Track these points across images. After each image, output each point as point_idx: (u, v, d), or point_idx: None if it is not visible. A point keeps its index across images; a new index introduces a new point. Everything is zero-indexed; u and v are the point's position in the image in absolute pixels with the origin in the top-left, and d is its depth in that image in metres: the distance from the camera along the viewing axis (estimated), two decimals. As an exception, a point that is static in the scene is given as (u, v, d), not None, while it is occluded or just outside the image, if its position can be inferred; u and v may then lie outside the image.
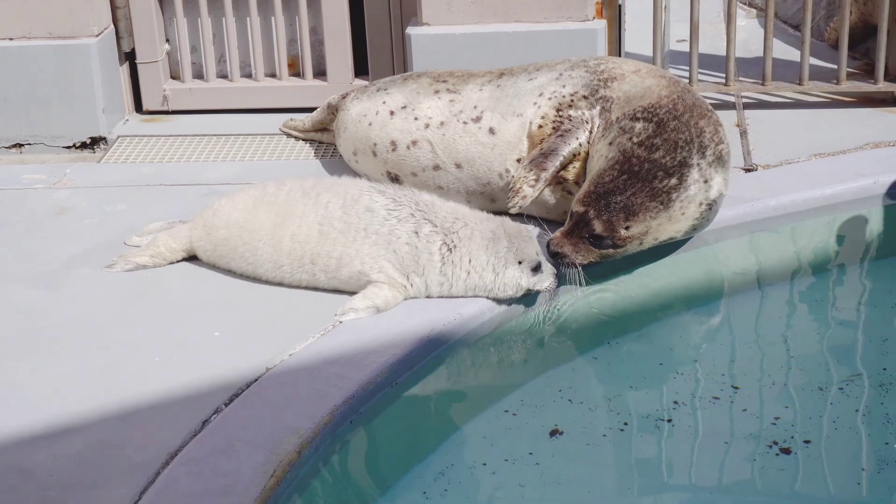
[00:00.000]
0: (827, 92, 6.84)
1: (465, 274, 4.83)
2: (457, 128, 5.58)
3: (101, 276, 5.23)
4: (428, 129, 5.65)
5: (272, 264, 5.00)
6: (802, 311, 5.21)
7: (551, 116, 5.40)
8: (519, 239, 4.83)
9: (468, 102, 5.62)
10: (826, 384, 4.55)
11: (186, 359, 4.59)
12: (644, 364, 4.77)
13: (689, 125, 5.15)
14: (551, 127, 5.38)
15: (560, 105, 5.42)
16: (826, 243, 5.66)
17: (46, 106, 6.67)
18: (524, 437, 4.30)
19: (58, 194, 6.14)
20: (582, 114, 5.36)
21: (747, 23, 8.25)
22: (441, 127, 5.61)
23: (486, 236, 4.84)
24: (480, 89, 5.66)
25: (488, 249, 4.82)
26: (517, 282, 4.84)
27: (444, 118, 5.62)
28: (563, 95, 5.44)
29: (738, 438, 4.28)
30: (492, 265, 4.82)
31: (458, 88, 5.70)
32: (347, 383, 4.38)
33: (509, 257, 4.82)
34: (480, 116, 5.54)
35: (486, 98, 5.60)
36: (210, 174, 6.29)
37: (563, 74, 5.53)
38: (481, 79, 5.73)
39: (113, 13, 6.88)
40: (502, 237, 4.83)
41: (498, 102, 5.56)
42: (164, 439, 4.11)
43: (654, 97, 5.28)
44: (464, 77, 5.79)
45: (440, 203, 4.99)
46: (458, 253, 4.83)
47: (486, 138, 5.51)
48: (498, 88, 5.62)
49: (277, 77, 7.12)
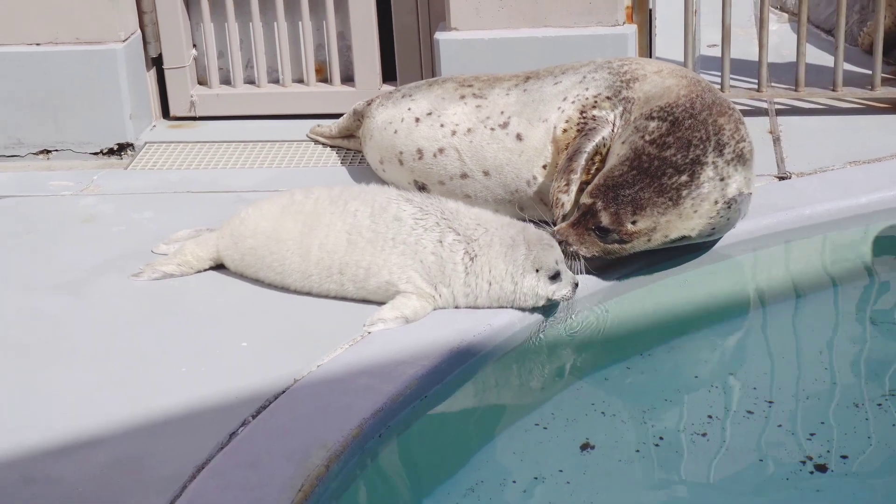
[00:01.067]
0: (861, 98, 6.75)
1: (488, 286, 4.77)
2: (484, 134, 5.52)
3: (127, 285, 5.20)
4: (455, 136, 5.59)
5: (300, 274, 4.95)
6: (838, 323, 5.13)
7: (575, 119, 5.35)
8: (538, 246, 4.75)
9: (495, 108, 5.56)
10: (863, 399, 4.47)
11: (214, 369, 4.56)
12: (678, 377, 4.71)
13: (706, 123, 5.08)
14: (576, 129, 5.33)
15: (584, 107, 5.37)
16: (862, 253, 5.58)
17: (73, 112, 6.66)
18: (554, 452, 4.24)
19: (85, 201, 6.11)
20: (605, 114, 5.32)
21: (779, 27, 8.17)
22: (468, 134, 5.56)
23: (504, 243, 4.77)
24: (507, 94, 5.60)
25: (506, 257, 4.75)
26: (535, 291, 4.77)
27: (471, 124, 5.57)
28: (587, 98, 5.39)
29: (772, 454, 4.20)
30: (510, 274, 4.75)
31: (485, 93, 5.65)
32: (376, 395, 4.33)
33: (527, 265, 4.74)
34: (508, 122, 5.49)
35: (513, 103, 5.54)
36: (237, 181, 6.25)
37: (586, 77, 5.47)
38: (507, 83, 5.67)
39: (140, 18, 6.85)
40: (521, 244, 4.76)
41: (525, 107, 5.50)
42: (192, 451, 4.07)
43: (672, 96, 5.22)
44: (489, 81, 5.73)
45: (465, 210, 4.93)
46: (479, 262, 4.76)
47: (514, 144, 5.45)
48: (524, 93, 5.56)
49: (305, 83, 7.08)
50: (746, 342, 5.02)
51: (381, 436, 4.25)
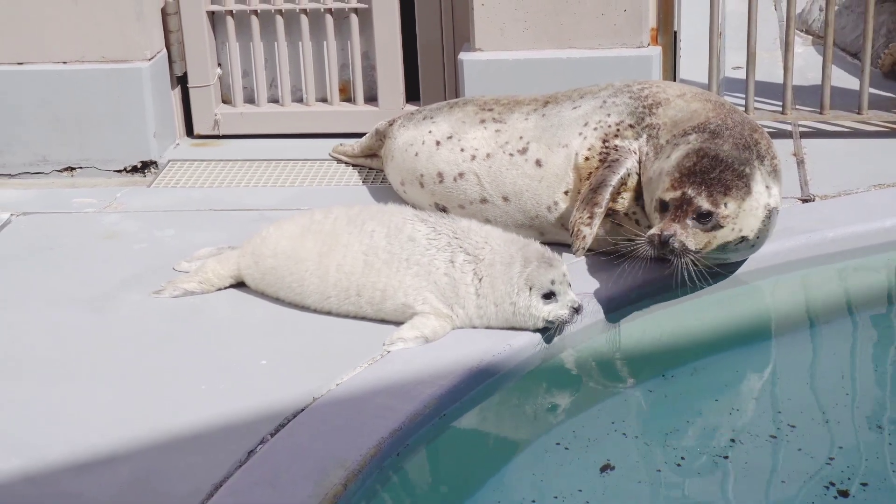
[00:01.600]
0: (887, 121, 6.71)
1: (494, 307, 4.73)
2: (503, 160, 5.49)
3: (149, 302, 5.21)
4: (474, 160, 5.57)
5: (319, 295, 4.95)
6: (860, 347, 5.08)
7: (598, 148, 5.32)
8: (536, 263, 4.67)
9: (514, 133, 5.53)
10: (885, 424, 4.43)
11: (233, 386, 4.55)
12: (700, 399, 4.67)
13: (744, 135, 5.08)
14: (598, 159, 5.30)
15: (606, 136, 5.33)
16: (885, 277, 5.53)
17: (98, 129, 6.69)
18: (574, 473, 4.21)
19: (108, 218, 6.14)
20: (629, 143, 5.28)
21: (804, 50, 8.14)
22: (487, 159, 5.53)
23: (504, 261, 4.72)
24: (526, 118, 5.57)
25: (504, 276, 4.70)
26: (529, 310, 4.69)
27: (491, 149, 5.54)
28: (609, 125, 5.35)
29: (794, 478, 4.16)
30: (508, 294, 4.70)
31: (504, 118, 5.62)
32: (395, 415, 4.32)
33: (520, 283, 4.67)
34: (527, 148, 5.46)
35: (532, 128, 5.51)
36: (260, 199, 6.26)
37: (606, 102, 5.43)
38: (527, 107, 5.64)
39: (166, 37, 6.89)
40: (518, 261, 4.69)
41: (544, 132, 5.47)
42: (209, 469, 4.07)
43: (700, 118, 5.20)
44: (509, 105, 5.70)
45: (476, 228, 4.88)
46: (485, 284, 4.73)
47: (533, 171, 5.42)
48: (543, 118, 5.53)
49: (328, 102, 7.10)
50: (769, 366, 4.98)
51: (399, 455, 4.23)
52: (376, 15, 6.86)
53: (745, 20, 6.61)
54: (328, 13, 6.94)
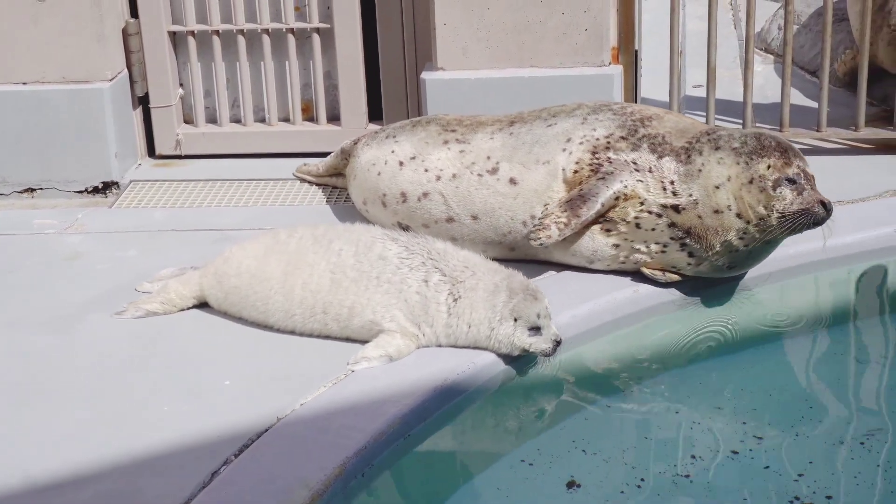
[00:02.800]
0: (845, 139, 6.78)
1: (467, 327, 4.76)
2: (471, 180, 5.48)
3: (111, 323, 5.18)
4: (439, 181, 5.56)
5: (283, 313, 4.94)
6: (821, 362, 5.13)
7: (586, 160, 5.30)
8: (521, 295, 4.73)
9: (480, 153, 5.52)
10: (847, 438, 4.46)
11: (196, 408, 4.53)
12: (659, 414, 4.69)
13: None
14: (588, 170, 5.30)
15: (595, 148, 5.32)
16: (845, 293, 5.59)
17: (59, 150, 6.65)
18: (541, 489, 4.22)
19: (69, 239, 6.10)
20: (625, 156, 5.28)
21: (763, 68, 8.22)
22: (453, 179, 5.53)
23: (488, 289, 4.76)
24: (491, 138, 5.56)
25: (487, 302, 4.74)
26: (510, 340, 4.74)
27: (456, 170, 5.53)
28: (597, 138, 5.34)
29: (756, 494, 4.19)
30: (488, 319, 4.74)
31: (468, 138, 5.60)
32: (359, 434, 4.31)
33: (505, 312, 4.73)
34: (497, 167, 5.44)
35: (500, 147, 5.50)
36: (222, 220, 6.25)
37: (588, 118, 5.43)
38: (490, 127, 5.62)
39: (127, 57, 6.87)
40: (503, 291, 4.75)
41: (515, 151, 5.46)
42: (173, 491, 4.04)
43: (703, 128, 5.33)
44: (472, 126, 5.69)
45: (452, 251, 4.93)
46: (461, 304, 4.76)
47: (507, 189, 5.41)
48: (511, 136, 5.52)
49: (291, 122, 7.10)
50: (729, 380, 4.99)
51: (364, 475, 4.22)
52: (338, 34, 6.86)
53: (705, 39, 6.67)
54: (290, 33, 6.94)
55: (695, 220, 5.14)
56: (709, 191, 5.11)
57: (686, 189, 5.15)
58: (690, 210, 5.15)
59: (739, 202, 5.07)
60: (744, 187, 5.06)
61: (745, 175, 5.07)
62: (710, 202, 5.11)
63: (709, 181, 5.11)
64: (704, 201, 5.12)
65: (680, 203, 5.15)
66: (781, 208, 5.02)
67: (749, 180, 5.06)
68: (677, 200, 5.15)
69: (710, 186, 5.11)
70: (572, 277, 5.37)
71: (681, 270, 5.26)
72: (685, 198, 5.15)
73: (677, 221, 5.16)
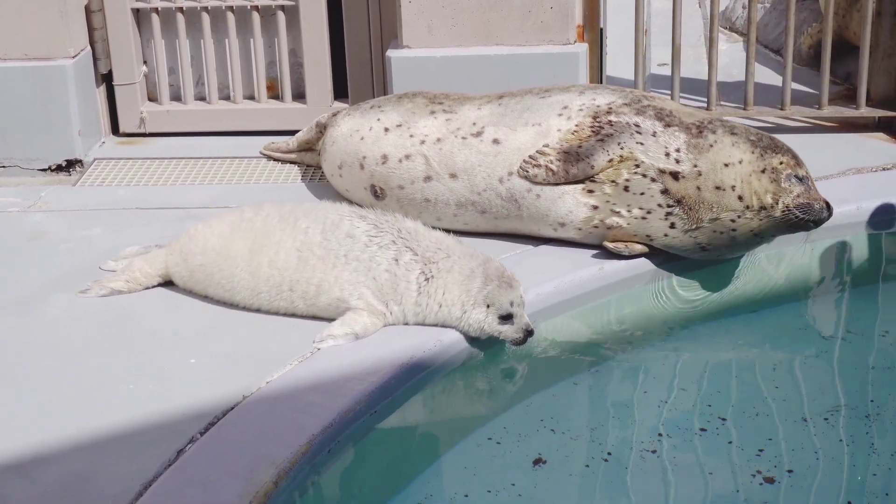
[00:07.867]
0: (809, 117, 6.82)
1: (437, 307, 4.77)
2: (455, 142, 5.52)
3: (75, 302, 5.15)
4: (423, 144, 5.58)
5: (249, 291, 4.93)
6: (786, 339, 5.16)
7: (587, 123, 5.36)
8: (495, 282, 4.74)
9: (466, 120, 5.57)
10: (810, 415, 4.50)
11: (161, 387, 4.52)
12: (627, 392, 4.71)
13: None
14: (589, 131, 5.34)
15: (597, 114, 5.38)
16: (808, 270, 5.63)
17: (22, 128, 6.59)
18: (507, 467, 4.24)
19: (32, 218, 6.06)
20: (627, 118, 5.33)
21: (728, 47, 8.24)
22: (438, 142, 5.55)
23: (463, 272, 4.77)
24: (479, 108, 5.61)
25: (461, 286, 4.76)
26: (481, 325, 4.76)
27: (441, 135, 5.56)
28: (598, 105, 5.42)
29: (720, 469, 4.22)
30: (461, 301, 4.75)
31: (455, 109, 5.66)
32: (325, 412, 4.32)
33: (479, 298, 4.74)
34: (482, 131, 5.49)
35: (486, 115, 5.55)
36: (187, 198, 6.22)
37: (585, 92, 5.52)
38: (479, 101, 5.69)
39: (90, 34, 6.81)
40: (478, 276, 4.76)
41: (502, 118, 5.51)
42: (138, 470, 4.03)
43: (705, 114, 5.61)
44: (459, 100, 5.75)
45: (424, 231, 4.93)
46: (433, 284, 4.76)
47: (489, 148, 5.44)
48: (500, 106, 5.58)
49: (256, 99, 7.06)
50: (695, 358, 5.03)
51: (330, 451, 4.23)
52: (303, 12, 6.83)
53: (670, 18, 6.69)
54: (255, 10, 6.90)
55: (692, 191, 5.19)
56: (716, 166, 5.18)
57: (692, 159, 5.21)
58: (691, 180, 5.20)
59: (746, 185, 5.14)
60: (755, 174, 5.14)
61: (758, 164, 5.15)
62: (715, 177, 5.17)
63: (719, 157, 5.19)
64: (709, 175, 5.18)
65: (681, 171, 5.21)
66: (788, 201, 5.10)
67: (762, 170, 5.14)
68: (679, 168, 5.21)
69: (718, 162, 5.18)
70: (536, 254, 5.38)
71: (652, 241, 5.28)
72: (689, 167, 5.20)
73: (672, 189, 5.21)
